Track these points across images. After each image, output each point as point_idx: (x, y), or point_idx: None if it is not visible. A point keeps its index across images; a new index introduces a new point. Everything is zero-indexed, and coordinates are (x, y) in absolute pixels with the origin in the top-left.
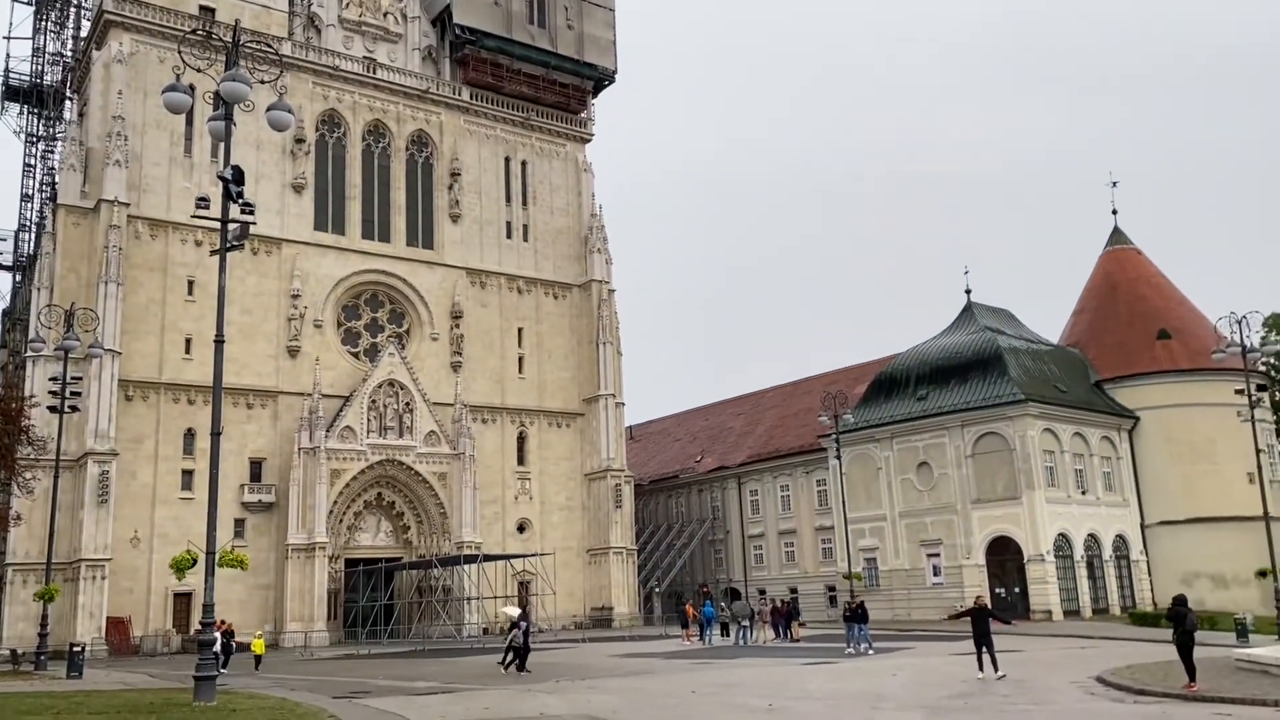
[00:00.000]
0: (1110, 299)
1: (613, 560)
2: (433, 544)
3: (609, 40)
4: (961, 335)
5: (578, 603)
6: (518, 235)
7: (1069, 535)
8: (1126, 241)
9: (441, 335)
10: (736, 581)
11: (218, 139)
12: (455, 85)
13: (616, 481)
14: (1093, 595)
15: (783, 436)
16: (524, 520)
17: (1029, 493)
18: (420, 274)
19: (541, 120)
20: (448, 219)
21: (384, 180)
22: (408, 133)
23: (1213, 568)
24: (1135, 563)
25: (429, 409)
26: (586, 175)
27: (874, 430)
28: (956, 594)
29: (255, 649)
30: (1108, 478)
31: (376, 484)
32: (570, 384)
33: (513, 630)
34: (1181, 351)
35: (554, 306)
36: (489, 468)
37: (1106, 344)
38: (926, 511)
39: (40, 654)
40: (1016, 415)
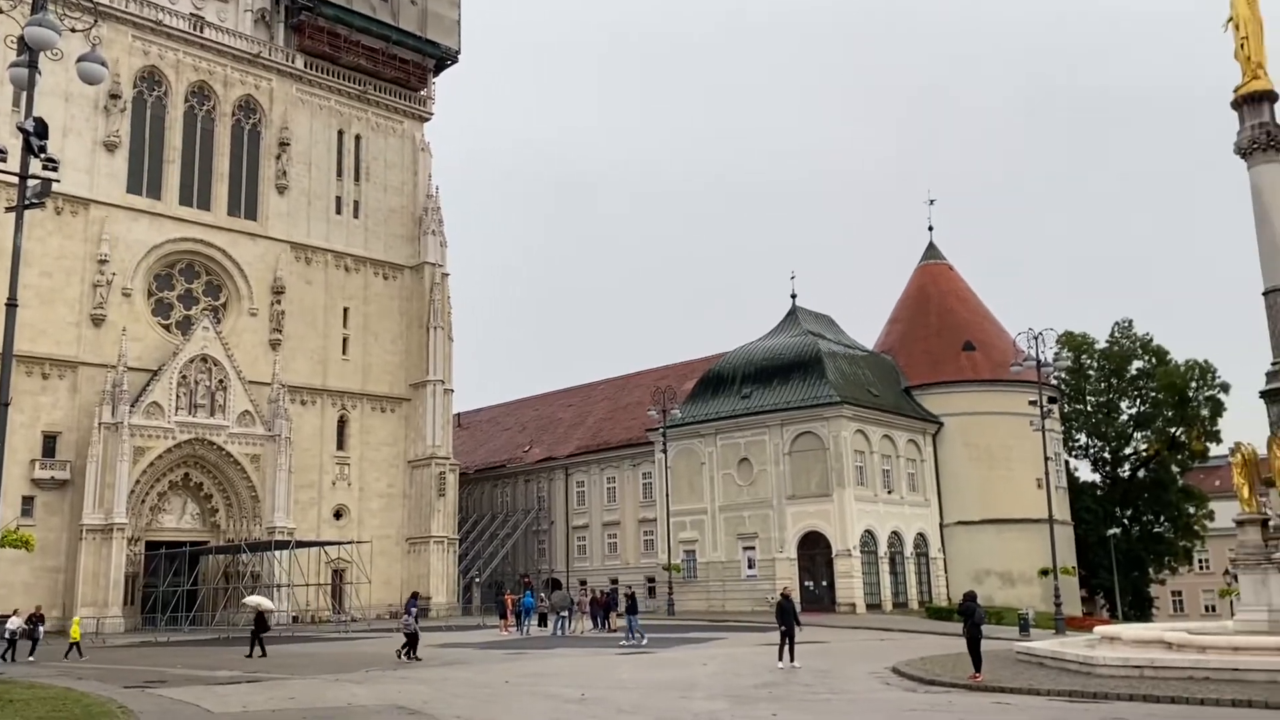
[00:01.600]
0: (922, 310)
1: (433, 549)
2: (242, 529)
3: (453, 19)
4: (785, 338)
5: (394, 592)
6: (348, 211)
7: (874, 532)
8: (940, 257)
9: (261, 311)
10: (559, 572)
11: (20, 88)
12: (289, 52)
13: (441, 469)
14: (894, 589)
15: (612, 429)
16: (341, 507)
17: (840, 490)
18: (241, 245)
19: (379, 95)
20: (274, 190)
21: (207, 145)
22: (235, 97)
23: (1002, 566)
24: (933, 559)
25: (244, 388)
26: (424, 154)
27: (700, 426)
28: (769, 586)
29: (73, 635)
30: (912, 479)
31: (184, 464)
32: (397, 368)
33: (404, 617)
34: (984, 363)
35: (383, 287)
36: (306, 451)
37: (916, 352)
38: (745, 506)
39: None
40: (832, 416)
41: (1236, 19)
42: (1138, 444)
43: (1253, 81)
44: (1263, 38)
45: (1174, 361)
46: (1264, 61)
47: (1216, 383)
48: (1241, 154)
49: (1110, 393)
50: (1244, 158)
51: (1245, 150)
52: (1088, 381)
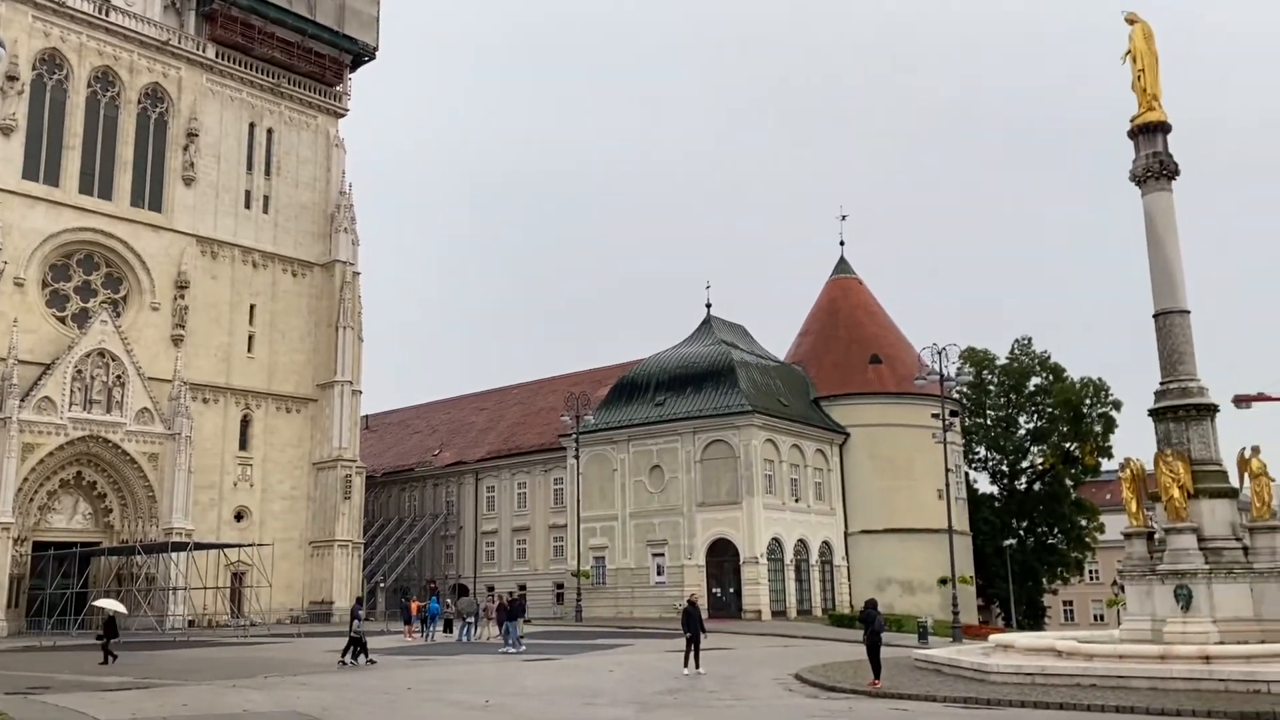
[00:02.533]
0: (832, 323)
1: (337, 553)
2: (138, 529)
3: (372, 15)
4: (700, 346)
5: (296, 596)
6: (257, 206)
7: (781, 540)
8: (850, 271)
9: (164, 305)
10: (466, 578)
11: None
12: (200, 41)
13: (347, 472)
14: (798, 597)
15: (524, 434)
16: (243, 508)
17: (749, 498)
18: (144, 237)
19: (293, 89)
20: (180, 182)
21: (110, 133)
22: (142, 84)
23: (903, 575)
24: (838, 568)
25: (144, 384)
26: (338, 150)
27: (613, 432)
28: (677, 593)
29: None
30: (819, 488)
31: (77, 462)
32: (304, 367)
33: (352, 621)
34: (890, 376)
35: (292, 284)
36: (208, 451)
37: (826, 364)
38: (655, 513)
39: None
40: (743, 425)
41: (1134, 52)
42: (1034, 458)
43: (1148, 113)
44: (1158, 71)
45: (1070, 379)
46: (1159, 94)
47: (1109, 400)
48: (1136, 181)
49: (1009, 408)
50: (1138, 185)
51: (1140, 178)
52: (988, 396)
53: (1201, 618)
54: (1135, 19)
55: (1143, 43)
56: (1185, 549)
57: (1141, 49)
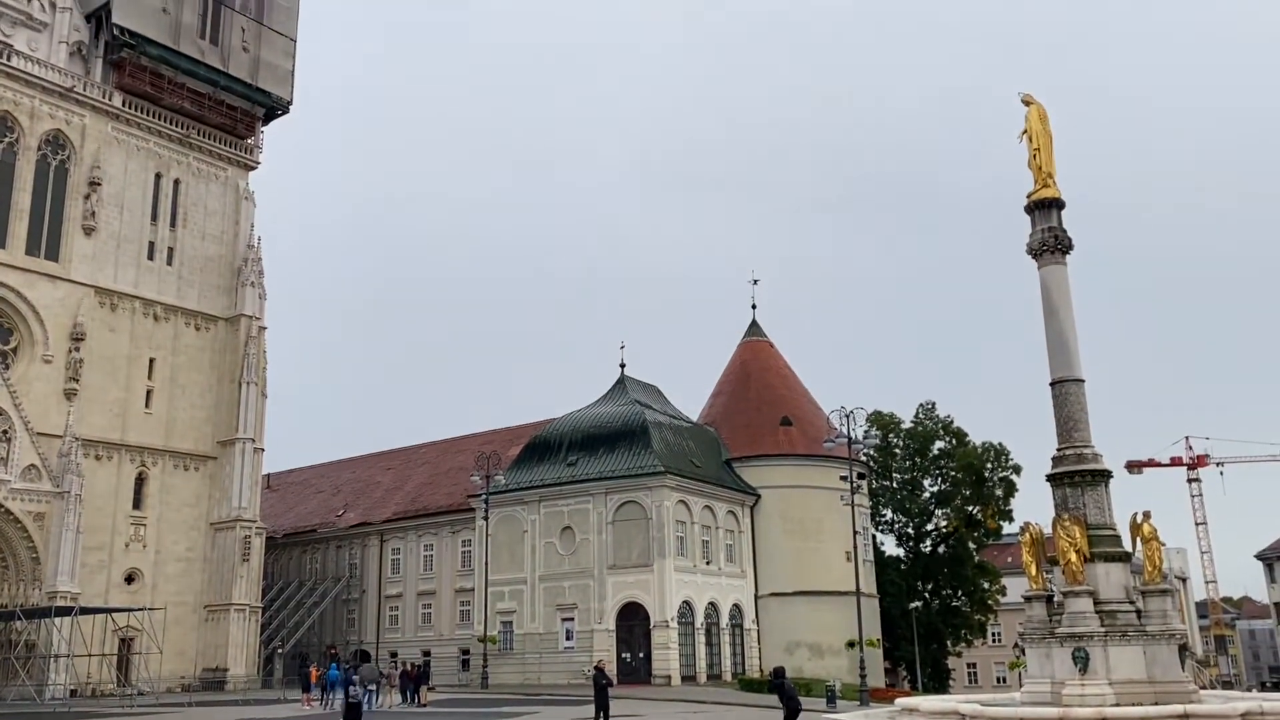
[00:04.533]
0: (744, 385)
1: (233, 618)
2: (19, 592)
3: (287, 70)
4: (613, 406)
5: (189, 663)
6: (161, 258)
7: (692, 603)
8: (762, 334)
9: (57, 358)
10: (369, 643)
11: None
12: (106, 89)
13: (246, 533)
14: (709, 661)
15: (432, 494)
16: (134, 571)
17: (660, 560)
18: (39, 287)
19: (202, 140)
20: (80, 231)
21: (6, 179)
22: (42, 131)
23: (812, 638)
24: (748, 631)
25: (32, 440)
26: (247, 203)
27: (523, 493)
28: (586, 658)
29: None
30: (730, 549)
31: None
32: (205, 424)
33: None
34: (800, 438)
35: (195, 338)
36: (99, 510)
37: (737, 425)
38: (566, 575)
39: None
40: (655, 485)
41: (1030, 132)
42: (939, 520)
43: (1043, 189)
44: (1052, 150)
45: (972, 443)
46: (1053, 171)
47: (1010, 464)
48: (1033, 255)
49: (914, 470)
50: (1035, 258)
51: (1036, 251)
52: (894, 459)
53: (1099, 680)
54: (1031, 100)
55: (1038, 123)
56: (1082, 612)
57: (1037, 129)
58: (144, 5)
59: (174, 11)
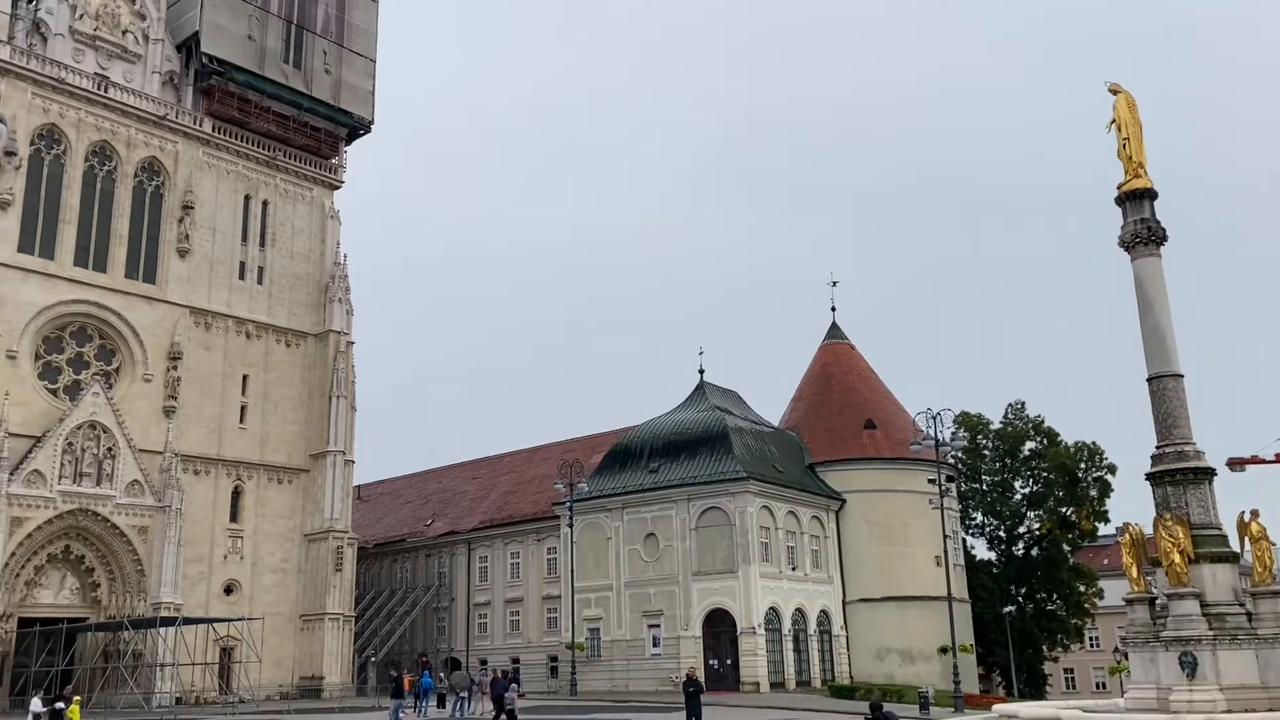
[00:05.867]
0: (825, 388)
1: (328, 627)
2: (126, 604)
3: (367, 90)
4: (693, 412)
5: (286, 672)
6: (252, 277)
7: (779, 609)
8: (842, 337)
9: (156, 377)
10: (459, 651)
11: None
12: (197, 115)
13: (339, 543)
14: (797, 668)
15: (517, 503)
16: (233, 582)
17: (745, 567)
18: (138, 309)
19: (288, 161)
20: (175, 254)
21: (106, 206)
22: (138, 159)
23: (903, 644)
24: (836, 637)
25: (135, 456)
26: (332, 222)
27: (606, 500)
28: (674, 665)
29: (72, 715)
30: (816, 555)
31: (65, 535)
32: (297, 438)
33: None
34: (884, 441)
35: (286, 355)
36: (198, 523)
37: (820, 429)
38: (651, 582)
39: None
40: (738, 491)
41: (1119, 121)
42: (1031, 523)
43: (1134, 180)
44: (1142, 139)
45: (1064, 443)
46: (1144, 161)
47: (1104, 464)
48: (1125, 247)
49: (1004, 472)
50: (1127, 251)
51: (1128, 244)
52: (983, 461)
53: (1208, 685)
54: (1119, 89)
55: (1126, 112)
56: (1188, 615)
57: (1126, 118)
58: (230, 33)
59: (259, 38)
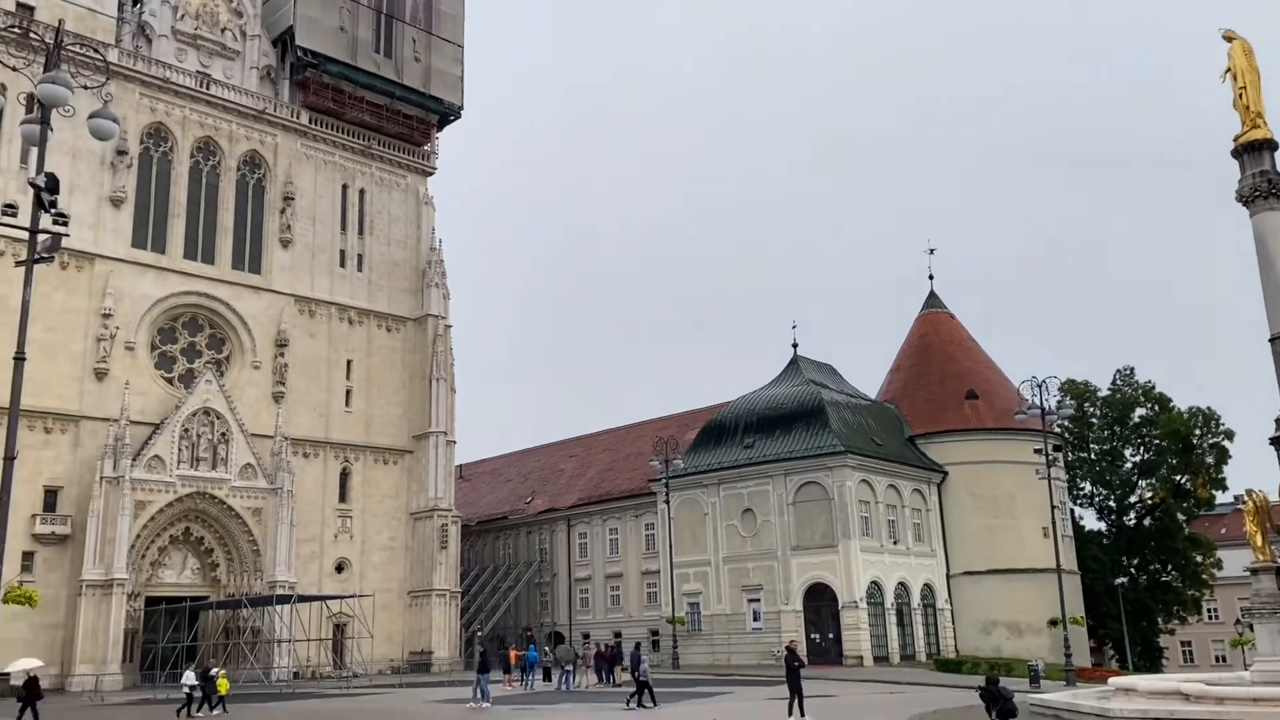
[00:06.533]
0: (924, 359)
1: (435, 603)
2: (243, 583)
3: (456, 76)
4: (787, 387)
5: (396, 646)
6: (352, 265)
7: (881, 583)
8: (941, 305)
9: (265, 364)
10: (561, 625)
11: (31, 144)
12: (294, 108)
13: (443, 521)
14: (901, 641)
15: (614, 480)
16: (343, 560)
17: (845, 541)
18: (245, 299)
19: (383, 150)
20: (278, 244)
21: (211, 200)
22: (240, 152)
23: (1009, 617)
24: (940, 610)
25: (247, 440)
26: (427, 208)
27: (702, 476)
28: (774, 639)
29: (221, 689)
30: (917, 528)
31: (185, 518)
32: (400, 420)
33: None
34: (987, 411)
35: (386, 340)
36: (309, 504)
37: (919, 401)
38: (749, 557)
39: None
40: (836, 466)
41: (1234, 70)
42: (1143, 492)
43: (1252, 130)
44: (1260, 88)
45: (1176, 409)
46: (1263, 111)
47: (1221, 429)
48: (1243, 201)
49: (1114, 440)
50: (1246, 205)
51: (1247, 198)
52: (1091, 429)
53: None
54: (1233, 36)
55: (1243, 59)
56: None
57: (1242, 66)
58: (323, 26)
59: (350, 29)
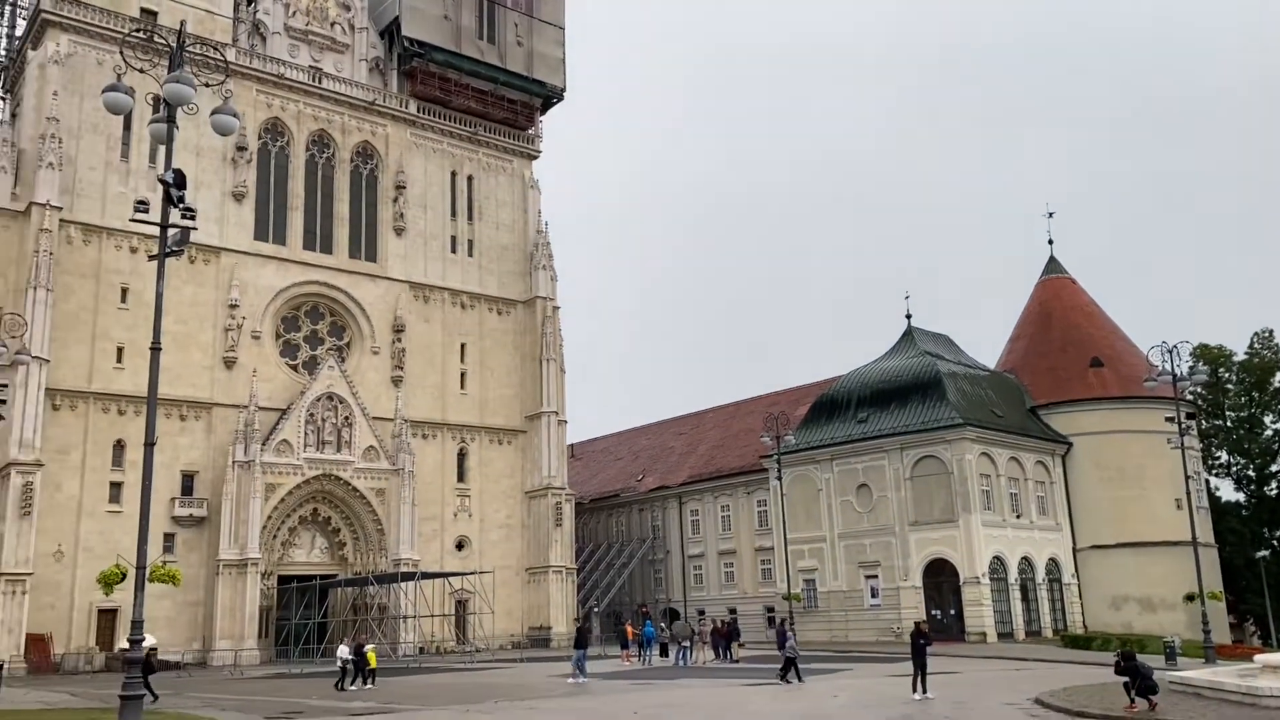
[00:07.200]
0: (1045, 327)
1: (552, 579)
2: (369, 561)
3: (558, 58)
4: (901, 359)
5: (516, 622)
6: (463, 250)
7: (1004, 558)
8: (1061, 271)
9: (383, 349)
10: (676, 602)
11: (159, 142)
12: (402, 98)
13: (557, 500)
14: (1026, 618)
15: (724, 456)
16: (463, 538)
17: (966, 516)
18: (362, 287)
19: (489, 135)
20: (391, 232)
21: (327, 191)
22: (353, 144)
23: (1141, 592)
24: (1067, 586)
25: (368, 423)
26: (533, 191)
27: (815, 452)
28: (894, 615)
29: (371, 662)
30: (1041, 502)
31: (313, 499)
32: (512, 401)
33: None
34: (1113, 379)
35: (497, 322)
36: (428, 484)
37: (1041, 370)
38: (865, 533)
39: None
40: (954, 439)
41: None
42: None
43: None
44: None
45: None
46: None
47: None
48: None
49: (1252, 407)
50: None
51: None
52: (1226, 396)
53: None
54: None
55: None
56: None
57: None
58: (428, 15)
59: (454, 17)
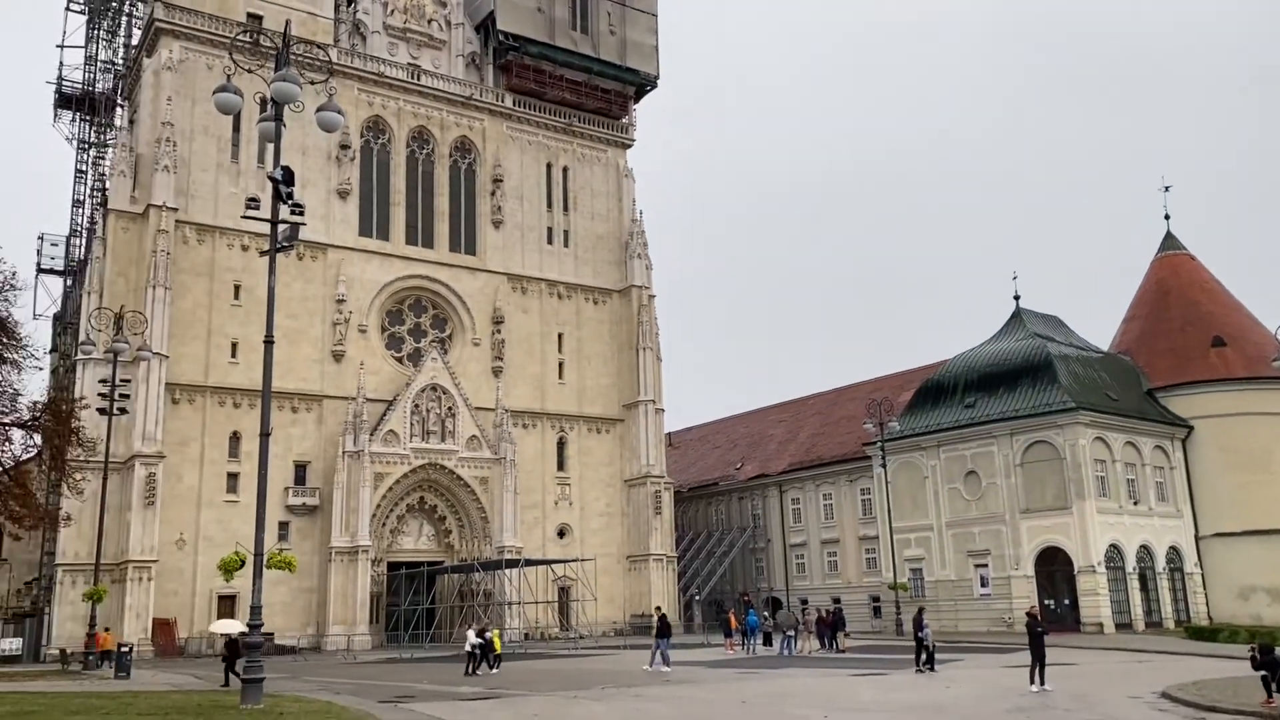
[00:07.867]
0: (1162, 305)
1: (652, 567)
2: (474, 548)
3: (651, 46)
4: (1010, 342)
5: (618, 609)
6: (559, 241)
7: (1120, 546)
8: (1179, 247)
9: (483, 340)
10: (778, 591)
11: (267, 140)
12: (498, 92)
13: (656, 488)
14: (1145, 608)
15: (825, 444)
16: (564, 526)
17: (1079, 503)
18: (463, 279)
19: (583, 126)
20: (490, 225)
21: (427, 186)
22: (451, 139)
23: (1270, 581)
24: (1189, 575)
25: (470, 413)
26: (627, 181)
27: (920, 438)
28: (1005, 605)
29: (496, 646)
30: (1160, 488)
31: (419, 488)
32: (610, 390)
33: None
34: (1237, 359)
35: (594, 312)
36: (529, 473)
37: (1158, 351)
38: (974, 521)
39: (89, 654)
40: (1067, 424)
41: None
42: None
43: None
44: None
45: None
46: None
47: None
48: None
49: None
50: None
51: None
52: None
53: None
54: None
55: None
56: None
57: None
58: (522, 8)
59: (548, 9)
